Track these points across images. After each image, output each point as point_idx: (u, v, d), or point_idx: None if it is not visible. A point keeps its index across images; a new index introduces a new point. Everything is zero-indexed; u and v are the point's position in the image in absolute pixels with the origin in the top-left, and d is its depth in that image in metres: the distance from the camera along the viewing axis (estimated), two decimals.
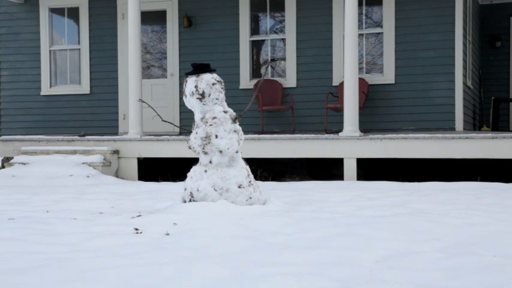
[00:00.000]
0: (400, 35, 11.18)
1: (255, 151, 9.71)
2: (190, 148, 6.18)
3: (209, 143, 5.96)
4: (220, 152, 5.96)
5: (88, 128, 12.61)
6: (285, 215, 5.56)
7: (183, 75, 8.01)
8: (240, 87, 11.98)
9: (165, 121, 6.85)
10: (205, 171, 6.00)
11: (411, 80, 11.15)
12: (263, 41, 12.23)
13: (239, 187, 5.93)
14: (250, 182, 6.01)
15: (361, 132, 9.74)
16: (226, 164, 6.01)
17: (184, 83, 6.23)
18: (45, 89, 13.22)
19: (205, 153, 6.02)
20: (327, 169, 9.77)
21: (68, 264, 3.75)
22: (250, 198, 5.96)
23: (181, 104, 12.01)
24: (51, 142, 10.90)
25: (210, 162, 6.00)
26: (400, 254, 3.99)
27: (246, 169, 6.08)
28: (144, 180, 10.28)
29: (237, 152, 6.08)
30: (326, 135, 9.76)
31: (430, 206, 6.20)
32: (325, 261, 3.81)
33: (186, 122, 12.04)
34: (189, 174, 6.14)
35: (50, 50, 13.21)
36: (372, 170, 9.51)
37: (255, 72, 12.24)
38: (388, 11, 11.25)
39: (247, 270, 3.58)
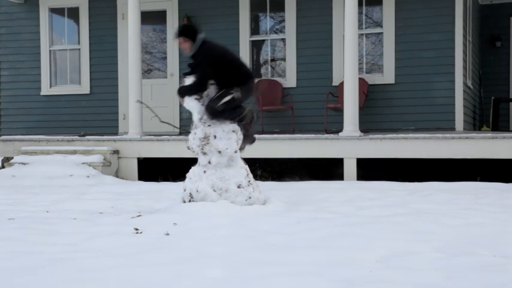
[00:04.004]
0: (400, 35, 11.17)
1: (255, 151, 9.69)
2: (189, 148, 6.17)
3: (208, 143, 5.96)
4: (219, 152, 5.96)
5: (88, 128, 12.60)
6: (285, 215, 5.56)
7: (183, 75, 7.95)
8: None
9: (164, 122, 6.84)
10: (204, 172, 5.99)
11: (411, 80, 11.14)
12: (263, 41, 12.23)
13: (238, 187, 5.93)
14: (249, 181, 6.01)
15: (361, 132, 9.74)
16: (225, 164, 6.00)
17: (181, 84, 6.23)
18: (45, 89, 13.21)
19: (204, 153, 6.01)
20: (327, 169, 9.76)
21: (68, 264, 3.75)
22: (250, 198, 5.96)
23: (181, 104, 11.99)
24: (51, 142, 10.90)
25: (209, 162, 6.00)
26: (400, 254, 3.99)
27: (245, 169, 6.08)
28: (144, 180, 10.27)
29: (235, 151, 6.07)
30: (326, 135, 9.76)
31: (430, 206, 6.20)
32: (325, 261, 3.81)
33: (186, 122, 12.02)
34: (188, 175, 6.13)
35: (50, 50, 13.20)
36: (372, 170, 9.50)
37: (255, 72, 12.23)
38: (388, 11, 11.24)
39: (247, 270, 3.58)
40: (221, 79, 6.12)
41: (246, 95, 6.31)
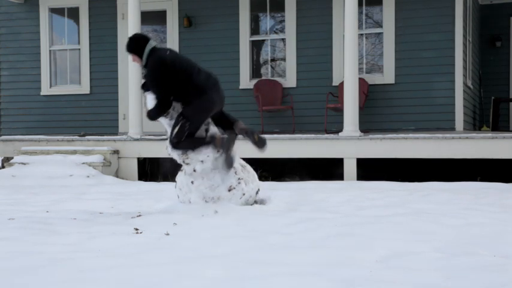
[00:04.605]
0: (400, 35, 11.17)
1: (255, 151, 9.68)
2: (169, 155, 6.10)
3: (187, 157, 5.92)
4: (202, 161, 5.91)
5: (88, 128, 12.61)
6: (284, 215, 5.56)
7: (142, 88, 7.19)
8: (240, 87, 11.97)
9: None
10: (192, 182, 5.94)
11: (411, 80, 11.14)
12: (263, 41, 12.23)
13: (229, 191, 5.90)
14: (239, 178, 5.96)
15: (361, 132, 9.74)
16: (210, 167, 5.94)
17: (143, 99, 6.08)
18: (45, 89, 13.21)
19: (187, 164, 5.97)
20: (327, 169, 9.76)
21: (68, 264, 3.75)
22: (244, 194, 5.94)
23: None
24: (51, 142, 10.90)
25: (194, 170, 5.95)
26: (400, 254, 3.99)
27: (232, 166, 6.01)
28: (144, 180, 10.27)
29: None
30: (326, 135, 9.76)
31: (430, 206, 6.20)
32: (325, 261, 3.81)
33: None
34: (177, 184, 6.08)
35: (50, 50, 13.20)
36: (372, 170, 9.50)
37: (255, 72, 12.24)
38: (388, 11, 11.24)
39: (247, 270, 3.58)
40: (176, 94, 5.78)
41: (202, 114, 5.79)
